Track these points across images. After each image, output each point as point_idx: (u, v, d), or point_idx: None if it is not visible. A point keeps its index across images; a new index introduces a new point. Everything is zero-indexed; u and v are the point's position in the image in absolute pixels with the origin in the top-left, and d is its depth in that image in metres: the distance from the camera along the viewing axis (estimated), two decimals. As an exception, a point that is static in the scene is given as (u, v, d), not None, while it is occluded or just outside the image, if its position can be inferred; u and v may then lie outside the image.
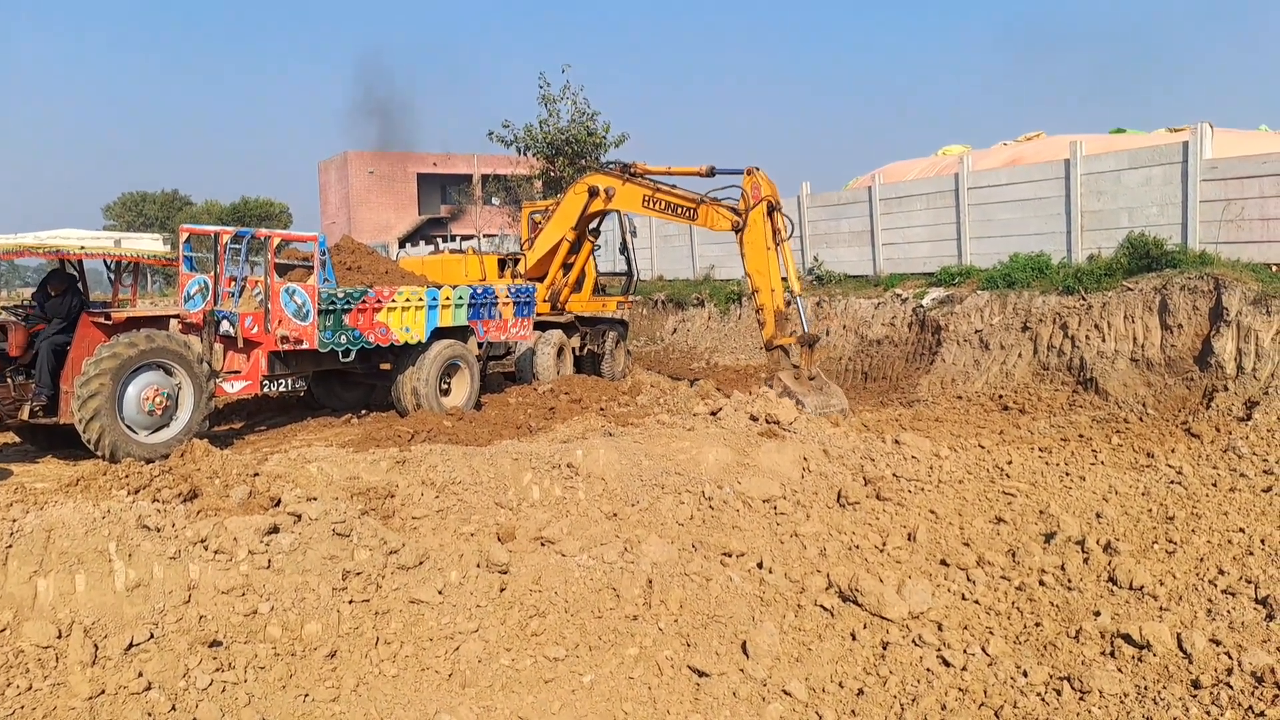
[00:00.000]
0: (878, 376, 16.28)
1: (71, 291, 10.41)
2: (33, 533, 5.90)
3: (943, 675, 5.79)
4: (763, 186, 13.68)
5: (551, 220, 16.22)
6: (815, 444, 9.46)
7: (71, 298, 10.34)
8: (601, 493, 8.18)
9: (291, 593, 6.11)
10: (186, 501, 7.30)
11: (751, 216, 13.69)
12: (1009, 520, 8.06)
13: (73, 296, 10.37)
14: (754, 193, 13.68)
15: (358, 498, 7.45)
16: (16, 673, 5.25)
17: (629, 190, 15.20)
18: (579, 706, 5.70)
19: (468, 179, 51.41)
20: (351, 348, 12.06)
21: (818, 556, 7.49)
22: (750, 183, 13.73)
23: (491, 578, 6.66)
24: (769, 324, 13.72)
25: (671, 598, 6.61)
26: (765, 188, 13.68)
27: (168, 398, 10.30)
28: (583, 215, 15.73)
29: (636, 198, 15.15)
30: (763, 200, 13.56)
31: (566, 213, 15.96)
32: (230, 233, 12.20)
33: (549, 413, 12.68)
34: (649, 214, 15.57)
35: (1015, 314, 14.60)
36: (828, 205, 20.08)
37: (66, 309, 10.20)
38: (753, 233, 13.72)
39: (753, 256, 13.81)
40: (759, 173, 13.74)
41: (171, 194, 74.18)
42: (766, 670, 5.93)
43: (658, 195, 14.89)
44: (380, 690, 5.67)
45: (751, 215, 13.68)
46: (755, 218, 13.67)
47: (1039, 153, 17.52)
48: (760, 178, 13.72)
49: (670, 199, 14.78)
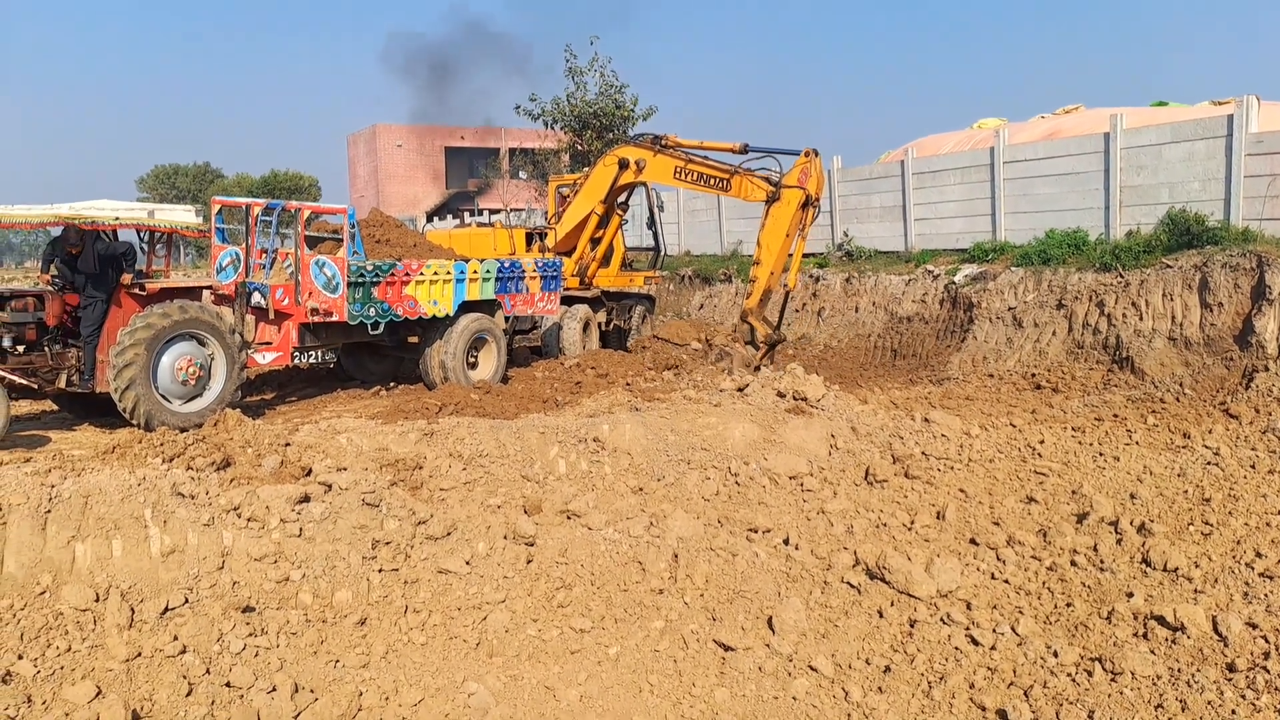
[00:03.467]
0: (907, 354, 16.15)
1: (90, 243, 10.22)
2: (71, 498, 5.98)
3: (971, 654, 5.77)
4: (813, 176, 13.74)
5: (580, 193, 16.16)
6: (843, 421, 9.41)
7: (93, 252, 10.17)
8: (627, 467, 8.19)
9: (322, 561, 6.17)
10: (220, 470, 7.38)
11: (787, 194, 13.72)
12: (1040, 500, 7.99)
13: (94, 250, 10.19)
14: (802, 176, 13.70)
15: (386, 469, 7.50)
16: (56, 634, 5.34)
17: (660, 162, 15.15)
18: (605, 678, 5.73)
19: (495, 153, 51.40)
20: (380, 320, 12.11)
21: (845, 534, 7.47)
22: (804, 164, 13.76)
23: (518, 549, 6.69)
24: (754, 296, 13.98)
25: (697, 572, 6.62)
26: (814, 179, 13.76)
27: (201, 368, 10.40)
28: (612, 188, 15.67)
29: (668, 169, 15.12)
30: (805, 189, 13.60)
31: (596, 185, 15.90)
32: (261, 205, 12.25)
33: (575, 387, 12.69)
34: (680, 185, 15.52)
35: (1050, 291, 14.41)
36: (859, 180, 19.88)
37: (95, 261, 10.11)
38: (782, 209, 13.73)
39: (772, 229, 13.87)
40: (817, 160, 13.80)
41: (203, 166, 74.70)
42: (792, 646, 5.93)
43: (690, 166, 14.86)
44: (409, 658, 5.72)
45: (789, 193, 13.71)
46: (791, 197, 13.69)
47: (1078, 126, 17.23)
48: (815, 165, 13.77)
49: (703, 170, 14.75)
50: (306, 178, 63.32)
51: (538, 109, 26.85)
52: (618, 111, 26.50)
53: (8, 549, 5.65)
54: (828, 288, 18.89)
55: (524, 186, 42.38)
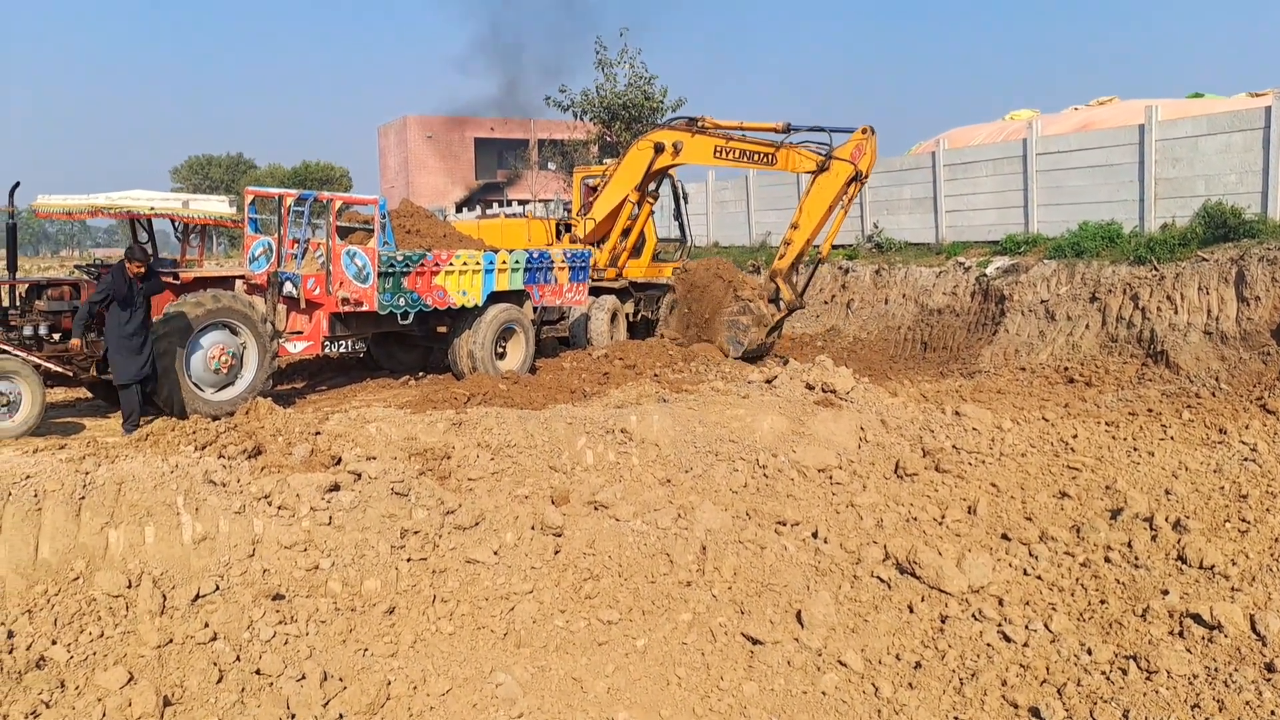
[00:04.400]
0: (938, 346, 16.00)
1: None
2: (104, 485, 6.05)
3: (1003, 651, 5.71)
4: (866, 153, 13.75)
5: (612, 180, 16.06)
6: (873, 414, 9.34)
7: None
8: (655, 458, 8.16)
9: (351, 549, 6.20)
10: (251, 458, 7.43)
11: (838, 166, 13.76)
12: (1073, 495, 7.89)
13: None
14: (856, 152, 13.74)
15: (415, 458, 7.53)
16: (89, 620, 5.40)
17: (699, 142, 15.11)
18: (632, 670, 5.72)
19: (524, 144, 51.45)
20: (410, 310, 12.15)
21: (874, 528, 7.41)
22: (860, 140, 13.80)
23: (546, 540, 6.69)
24: (786, 259, 14.05)
25: (725, 565, 6.59)
26: (868, 156, 13.77)
27: (233, 356, 10.47)
28: (647, 173, 15.58)
29: (707, 149, 15.07)
30: (856, 164, 13.63)
31: (629, 171, 15.81)
32: (294, 196, 12.31)
33: (603, 378, 12.68)
34: (720, 164, 15.41)
35: (1083, 284, 14.23)
36: (890, 171, 19.68)
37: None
38: (830, 180, 13.80)
39: (816, 199, 13.93)
40: (873, 138, 13.81)
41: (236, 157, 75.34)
42: (821, 640, 5.89)
43: (730, 144, 14.81)
44: (437, 647, 5.74)
45: (839, 165, 13.75)
46: (841, 171, 13.73)
47: (1112, 118, 16.98)
48: (870, 143, 13.79)
49: (745, 146, 14.71)
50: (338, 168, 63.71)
51: (567, 100, 26.87)
52: (647, 103, 26.45)
53: (43, 535, 5.72)
54: (857, 279, 18.76)
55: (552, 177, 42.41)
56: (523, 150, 50.93)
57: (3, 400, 8.97)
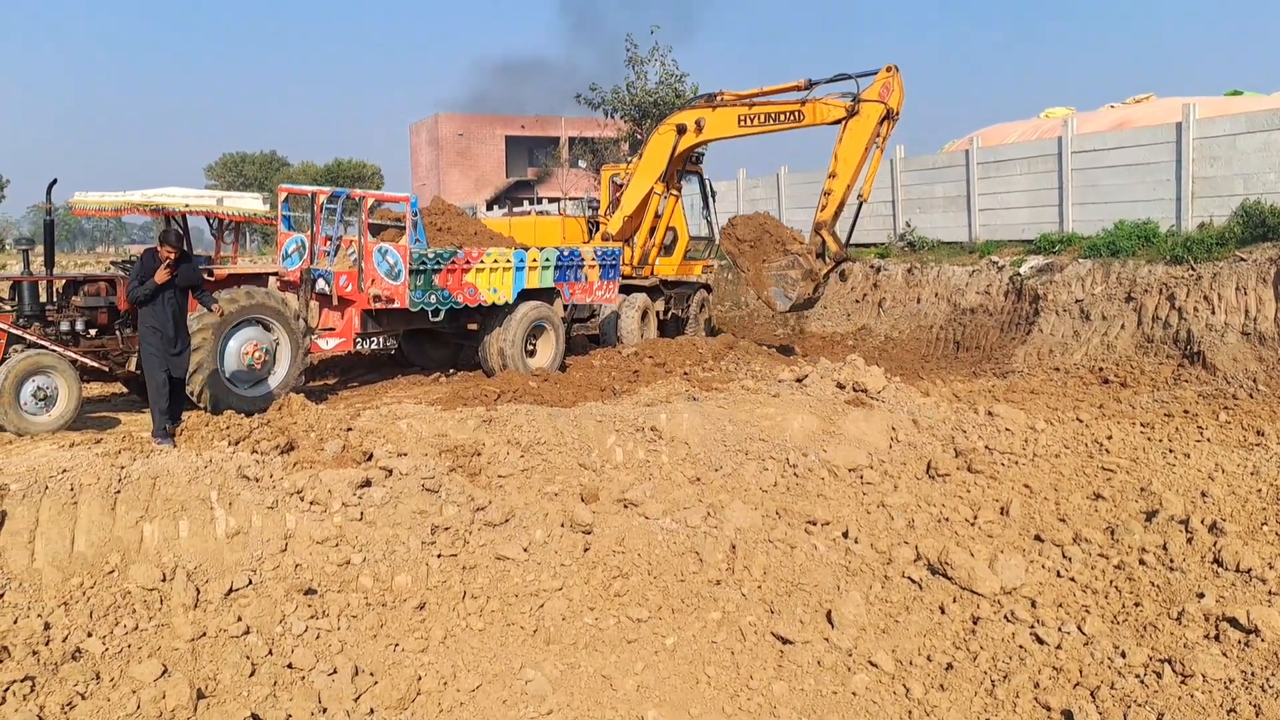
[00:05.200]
0: (970, 346, 15.87)
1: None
2: (139, 480, 6.12)
3: (1036, 653, 5.64)
4: (894, 90, 13.53)
5: (637, 172, 15.95)
6: (904, 413, 9.27)
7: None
8: (685, 457, 8.15)
9: (382, 545, 6.24)
10: (284, 453, 7.50)
11: (868, 109, 13.57)
12: (1108, 497, 7.79)
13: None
14: (884, 91, 13.55)
15: (446, 454, 7.56)
16: (124, 613, 5.47)
17: (721, 115, 14.98)
18: (661, 668, 5.71)
19: (555, 141, 51.56)
20: (441, 307, 12.21)
21: (905, 528, 7.36)
22: (885, 79, 13.59)
23: (575, 537, 6.70)
24: (829, 209, 13.90)
25: (755, 564, 6.57)
26: (896, 94, 13.55)
27: (266, 353, 10.57)
28: (671, 159, 15.47)
29: (730, 120, 14.92)
30: (886, 103, 13.45)
31: (652, 160, 15.71)
32: (327, 193, 12.41)
33: (633, 376, 12.68)
34: (748, 132, 15.10)
35: (1119, 284, 14.05)
36: (922, 169, 19.55)
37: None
38: (861, 123, 13.63)
39: (850, 144, 13.76)
40: (898, 75, 13.59)
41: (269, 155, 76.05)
42: (852, 640, 5.86)
43: (754, 110, 14.66)
44: (467, 643, 5.76)
45: (868, 107, 13.56)
46: (871, 112, 13.54)
47: (1148, 116, 16.75)
48: (897, 80, 13.57)
49: (769, 109, 14.57)
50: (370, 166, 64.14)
51: (598, 98, 26.86)
52: (678, 100, 26.36)
53: (79, 528, 5.80)
54: (889, 278, 18.63)
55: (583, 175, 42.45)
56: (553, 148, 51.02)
57: (40, 395, 9.11)
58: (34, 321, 9.64)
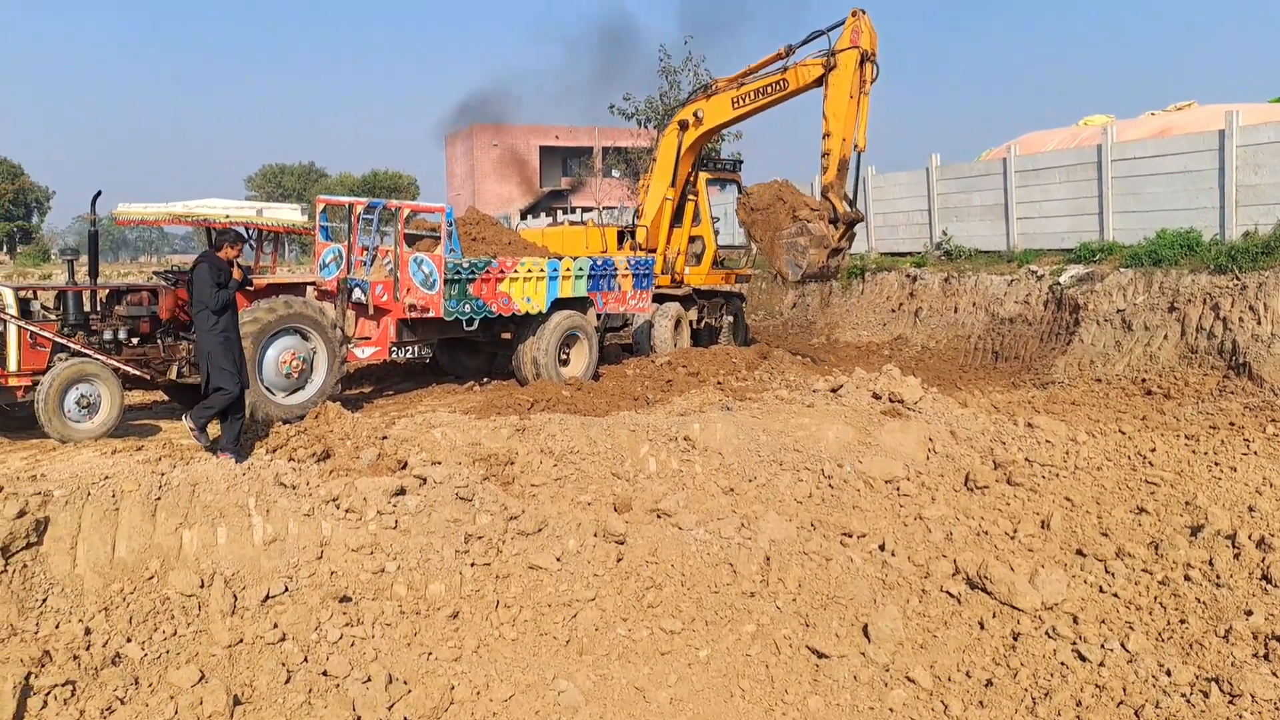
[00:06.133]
0: (1009, 356, 15.68)
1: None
2: (179, 486, 6.18)
3: (1078, 670, 5.53)
4: (864, 32, 13.50)
5: (653, 178, 16.16)
6: (942, 424, 9.16)
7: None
8: (718, 467, 8.10)
9: (417, 553, 6.25)
10: (320, 461, 7.55)
11: (843, 58, 13.55)
12: (1152, 511, 7.64)
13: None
14: (854, 35, 13.53)
15: (479, 463, 7.57)
16: (163, 618, 5.52)
17: (715, 103, 15.22)
18: (695, 680, 5.67)
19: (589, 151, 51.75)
20: (475, 316, 12.27)
21: (943, 541, 7.26)
22: (852, 24, 13.57)
23: (608, 547, 6.67)
24: (831, 169, 13.75)
25: (790, 576, 6.51)
26: (865, 34, 13.51)
27: (304, 361, 10.67)
28: (678, 158, 15.59)
29: (725, 105, 15.14)
30: (859, 45, 13.42)
31: (663, 163, 15.96)
32: (363, 204, 12.53)
33: (666, 385, 12.66)
34: (742, 112, 15.28)
35: (1161, 293, 13.83)
36: (959, 177, 19.39)
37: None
38: (841, 75, 13.59)
39: (835, 99, 13.68)
40: (864, 16, 13.56)
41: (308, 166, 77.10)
42: (889, 655, 5.78)
43: (743, 90, 14.86)
44: (500, 653, 5.75)
45: (843, 57, 13.55)
46: (847, 60, 13.51)
47: (1190, 123, 16.52)
48: (864, 22, 13.54)
49: (756, 85, 14.75)
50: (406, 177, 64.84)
51: (631, 108, 26.93)
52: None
53: (120, 534, 5.86)
54: (925, 287, 18.48)
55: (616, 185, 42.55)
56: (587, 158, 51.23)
57: (84, 402, 9.26)
58: (78, 330, 9.81)
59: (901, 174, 20.95)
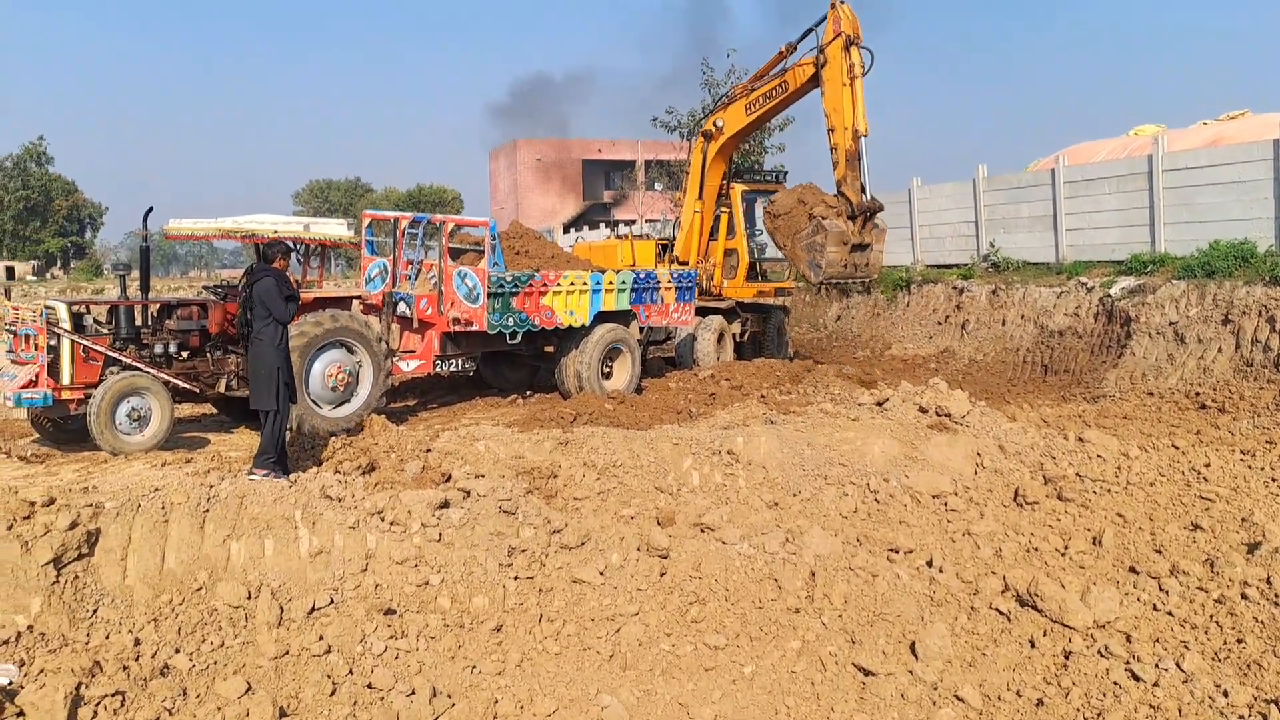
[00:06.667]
0: (1059, 369, 15.43)
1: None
2: (227, 498, 6.25)
3: (1132, 690, 5.40)
4: (843, 20, 13.64)
5: (686, 192, 16.42)
6: (990, 439, 9.02)
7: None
8: (762, 481, 8.04)
9: (460, 566, 6.26)
10: (365, 474, 7.60)
11: (830, 51, 13.69)
12: (1207, 527, 7.45)
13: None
14: (835, 26, 13.68)
15: (522, 476, 7.58)
16: (210, 630, 5.58)
17: (732, 110, 15.48)
18: (740, 697, 5.61)
19: (631, 164, 51.92)
20: (518, 330, 12.31)
21: (992, 557, 7.14)
22: (832, 16, 13.73)
23: (652, 561, 6.64)
24: (840, 164, 13.80)
25: (835, 592, 6.43)
26: (845, 21, 13.64)
27: (350, 375, 10.77)
28: (704, 169, 15.81)
29: (740, 110, 15.39)
30: (841, 34, 13.55)
31: (693, 175, 16.34)
32: (408, 218, 12.64)
33: (709, 398, 12.61)
34: (756, 118, 15.51)
35: (1215, 305, 13.54)
36: (1006, 188, 19.16)
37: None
38: (832, 68, 13.72)
39: (832, 93, 13.82)
40: (842, 6, 13.71)
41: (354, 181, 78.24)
42: (937, 673, 5.68)
43: (753, 96, 15.09)
44: (543, 667, 5.74)
45: (830, 50, 13.69)
46: (834, 52, 13.65)
47: (1244, 132, 16.21)
48: (843, 11, 13.69)
49: (763, 89, 14.98)
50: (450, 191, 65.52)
51: (674, 121, 26.97)
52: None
53: (169, 546, 5.94)
54: (973, 299, 18.26)
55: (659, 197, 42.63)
56: (629, 171, 51.39)
57: (134, 415, 9.41)
58: (130, 344, 9.98)
59: (947, 185, 20.75)
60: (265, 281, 8.24)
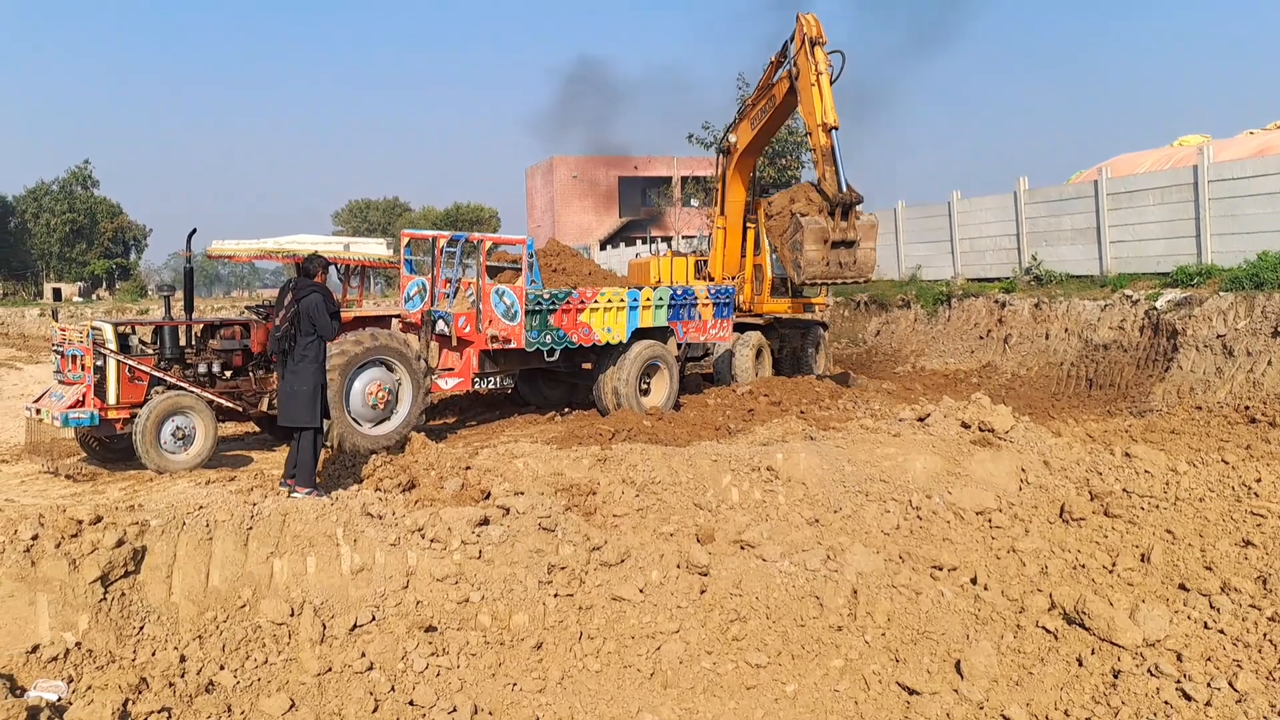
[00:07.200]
0: (1104, 384, 15.19)
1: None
2: (270, 516, 6.31)
3: (1183, 710, 5.27)
4: (807, 25, 13.91)
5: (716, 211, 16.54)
6: (1034, 454, 8.88)
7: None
8: (802, 497, 7.98)
9: (500, 583, 6.26)
10: (405, 491, 7.64)
11: (800, 62, 13.95)
12: (1258, 544, 7.27)
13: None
14: (800, 35, 13.91)
15: (561, 493, 7.58)
16: (255, 646, 5.62)
17: (743, 125, 15.77)
18: (782, 716, 5.55)
19: (667, 181, 52.03)
20: (556, 347, 12.35)
21: (1038, 575, 7.02)
22: (798, 26, 13.99)
23: (691, 579, 6.60)
24: (819, 163, 13.99)
25: (878, 610, 6.35)
26: (809, 26, 13.89)
27: (389, 393, 10.86)
28: (723, 183, 16.00)
29: (746, 129, 15.66)
30: (806, 37, 13.78)
31: (717, 191, 16.38)
32: (446, 237, 12.75)
33: (748, 414, 12.55)
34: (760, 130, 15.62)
35: (1264, 317, 13.27)
36: (1048, 201, 18.96)
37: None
38: (804, 76, 13.91)
39: (805, 100, 14.02)
40: (806, 15, 14.01)
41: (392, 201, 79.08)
42: (983, 692, 5.58)
43: (755, 112, 15.36)
44: (584, 684, 5.72)
45: (799, 60, 13.96)
46: (802, 62, 13.90)
47: (1292, 140, 15.90)
48: (805, 19, 13.95)
49: (759, 106, 15.26)
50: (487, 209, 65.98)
51: (710, 137, 27.00)
52: (790, 138, 26.29)
53: (213, 563, 6.00)
54: (1015, 313, 18.05)
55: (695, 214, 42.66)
56: (666, 187, 51.51)
57: (179, 434, 9.55)
58: (174, 364, 10.13)
59: (988, 198, 20.58)
60: (313, 298, 8.16)
